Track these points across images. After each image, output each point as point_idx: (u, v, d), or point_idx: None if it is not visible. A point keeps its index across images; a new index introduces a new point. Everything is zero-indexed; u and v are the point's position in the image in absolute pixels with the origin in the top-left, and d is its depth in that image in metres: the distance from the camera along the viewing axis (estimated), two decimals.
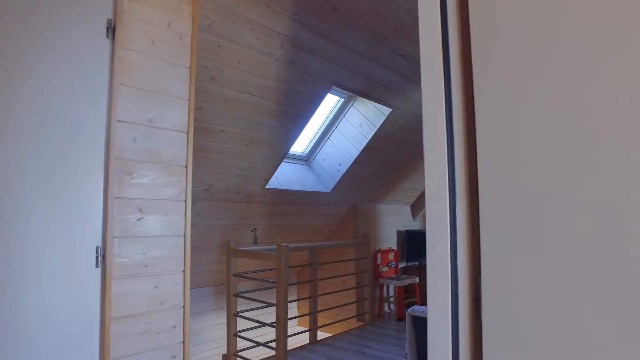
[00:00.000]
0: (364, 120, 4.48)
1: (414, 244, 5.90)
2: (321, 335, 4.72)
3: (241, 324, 4.44)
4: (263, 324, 3.75)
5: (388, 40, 3.22)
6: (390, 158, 5.00)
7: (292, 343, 4.39)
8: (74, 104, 1.57)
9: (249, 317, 3.86)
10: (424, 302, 5.68)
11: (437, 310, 0.85)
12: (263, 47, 2.93)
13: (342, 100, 4.50)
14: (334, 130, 4.71)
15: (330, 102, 4.56)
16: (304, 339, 4.71)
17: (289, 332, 5.15)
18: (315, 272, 4.28)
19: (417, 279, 5.43)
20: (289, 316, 4.05)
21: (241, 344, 4.01)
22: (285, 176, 4.47)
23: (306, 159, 4.87)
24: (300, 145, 4.77)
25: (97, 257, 1.58)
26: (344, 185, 4.86)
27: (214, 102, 3.07)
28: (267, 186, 4.12)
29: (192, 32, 1.98)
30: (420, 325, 2.90)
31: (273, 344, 3.69)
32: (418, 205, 6.33)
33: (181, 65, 1.96)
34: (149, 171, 1.81)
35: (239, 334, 3.88)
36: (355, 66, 3.50)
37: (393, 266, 5.66)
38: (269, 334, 5.04)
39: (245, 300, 3.97)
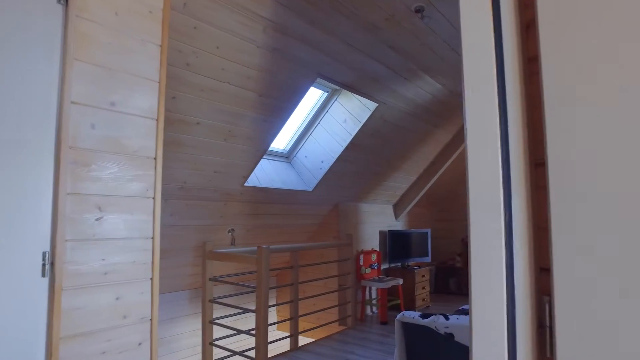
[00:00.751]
0: (348, 115, 4.28)
1: (397, 245, 5.75)
2: (302, 340, 4.50)
3: (218, 331, 4.17)
4: (241, 332, 3.50)
5: (378, 30, 3.03)
6: (375, 156, 4.82)
7: (272, 349, 4.16)
8: (17, 81, 1.30)
9: (226, 325, 3.60)
10: (407, 305, 5.54)
11: (487, 343, 0.63)
12: (244, 31, 2.69)
13: (326, 94, 4.29)
14: (316, 126, 4.49)
15: (313, 97, 4.34)
16: (284, 345, 4.48)
17: (269, 338, 4.91)
18: (296, 274, 4.05)
19: (401, 281, 5.27)
20: (268, 322, 3.81)
21: (218, 352, 3.75)
22: (266, 174, 4.23)
23: (287, 156, 4.64)
24: (281, 141, 4.53)
25: (43, 265, 1.32)
26: (326, 183, 4.65)
27: (189, 91, 2.81)
28: (246, 184, 3.87)
29: (164, 4, 1.73)
30: (410, 332, 2.72)
31: (252, 352, 3.45)
32: (401, 205, 6.18)
33: (151, 42, 1.70)
34: (110, 163, 1.55)
35: (215, 342, 3.62)
36: (343, 56, 3.30)
37: (376, 267, 5.49)
38: (247, 339, 4.79)
39: (222, 306, 3.70)
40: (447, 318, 2.59)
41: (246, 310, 3.45)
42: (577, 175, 0.56)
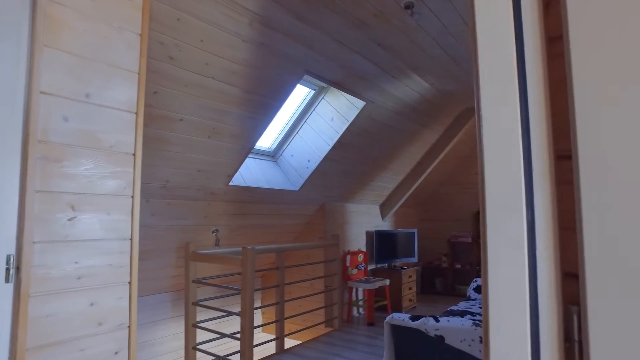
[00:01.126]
0: (335, 114, 4.21)
1: (383, 245, 5.70)
2: (288, 343, 4.41)
3: (202, 335, 4.06)
4: (226, 336, 3.39)
5: (367, 27, 2.96)
6: (362, 155, 4.76)
7: (257, 352, 4.06)
8: None
9: (210, 329, 3.49)
10: (394, 305, 5.49)
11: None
12: (230, 24, 2.59)
13: (313, 92, 4.21)
14: (303, 125, 4.41)
15: (299, 94, 4.26)
16: (270, 348, 4.38)
17: (254, 341, 4.80)
18: (282, 276, 3.96)
19: (387, 282, 5.23)
20: (254, 324, 3.71)
21: (201, 356, 3.63)
22: (251, 173, 4.13)
23: (273, 154, 4.54)
24: (267, 140, 4.44)
25: (7, 269, 1.20)
26: (313, 183, 4.57)
27: (172, 86, 2.70)
28: (230, 183, 3.77)
29: None
30: (400, 334, 2.66)
31: (236, 356, 3.35)
32: (388, 205, 6.14)
33: (130, 31, 1.59)
34: (85, 159, 1.45)
35: (198, 347, 3.51)
36: (331, 53, 3.22)
37: (362, 268, 5.43)
38: (232, 342, 4.68)
39: (205, 308, 3.59)
40: (437, 320, 2.54)
41: (231, 313, 3.34)
42: (613, 168, 0.49)
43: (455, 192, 6.90)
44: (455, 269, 6.60)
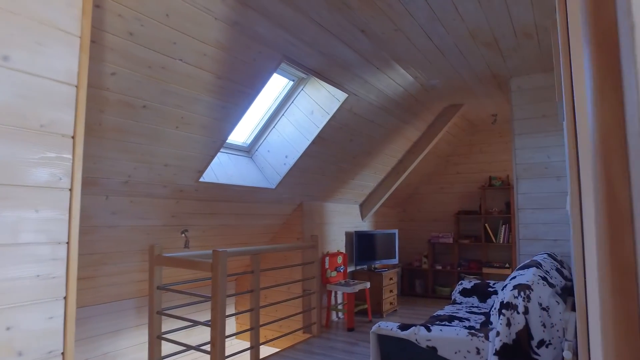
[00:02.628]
0: (315, 107, 3.95)
1: (363, 246, 5.48)
2: (264, 351, 4.12)
3: (168, 346, 3.73)
4: (192, 348, 3.07)
5: (350, 11, 2.71)
6: (343, 151, 4.52)
7: None
8: None
9: (177, 341, 3.17)
10: (374, 309, 5.28)
11: None
12: None
13: (292, 83, 3.94)
14: (280, 118, 4.13)
15: (277, 86, 3.98)
16: (245, 358, 4.08)
17: (227, 352, 4.49)
18: (257, 280, 3.67)
19: (368, 284, 5.01)
20: (226, 333, 3.41)
21: None
22: (223, 168, 3.82)
23: (248, 150, 4.24)
24: (241, 134, 4.14)
25: None
26: (290, 180, 4.30)
27: (133, 67, 2.38)
28: (201, 179, 3.45)
29: None
30: (387, 345, 2.42)
31: None
32: (368, 205, 5.93)
33: None
34: (3, 139, 1.13)
35: (164, 359, 3.18)
36: (311, 38, 2.96)
37: (342, 270, 5.19)
38: (202, 354, 4.36)
39: (172, 318, 3.26)
40: (428, 329, 2.31)
41: (200, 323, 3.03)
42: None
43: (436, 192, 6.75)
44: (436, 270, 6.45)
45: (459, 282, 4.02)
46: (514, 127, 4.00)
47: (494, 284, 3.82)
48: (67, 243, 1.21)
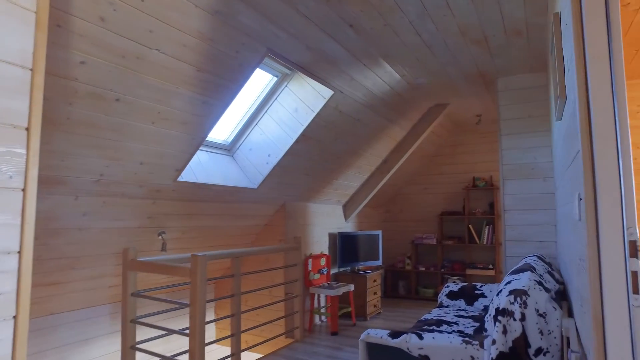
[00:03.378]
0: (300, 104, 3.82)
1: (347, 248, 5.37)
2: (245, 357, 3.95)
3: (142, 357, 3.53)
4: (170, 359, 2.89)
5: (338, 3, 2.59)
6: (327, 150, 4.39)
7: None
8: None
9: (151, 351, 2.98)
10: (358, 312, 5.17)
11: None
12: None
13: (276, 79, 3.79)
14: (263, 115, 3.98)
15: (260, 82, 3.83)
16: None
17: (207, 358, 4.30)
18: (238, 284, 3.51)
19: (352, 287, 4.89)
20: (206, 340, 3.23)
21: None
22: (203, 167, 3.64)
23: (229, 148, 4.07)
24: (222, 132, 3.96)
25: None
26: (273, 180, 4.15)
27: (105, 56, 2.19)
28: (179, 179, 3.27)
29: None
30: (377, 354, 2.30)
31: None
32: (351, 205, 5.82)
33: None
34: None
35: None
36: (297, 31, 2.82)
37: (325, 273, 5.07)
38: None
39: (147, 326, 3.07)
40: (420, 337, 2.20)
41: (173, 332, 2.85)
42: None
43: (419, 192, 6.70)
44: (419, 272, 6.40)
45: (446, 285, 3.95)
46: (500, 127, 3.95)
47: (481, 287, 3.76)
48: (19, 252, 1.04)
